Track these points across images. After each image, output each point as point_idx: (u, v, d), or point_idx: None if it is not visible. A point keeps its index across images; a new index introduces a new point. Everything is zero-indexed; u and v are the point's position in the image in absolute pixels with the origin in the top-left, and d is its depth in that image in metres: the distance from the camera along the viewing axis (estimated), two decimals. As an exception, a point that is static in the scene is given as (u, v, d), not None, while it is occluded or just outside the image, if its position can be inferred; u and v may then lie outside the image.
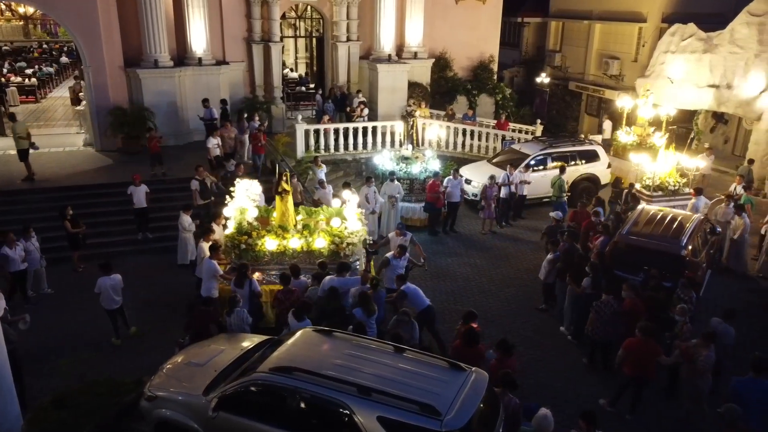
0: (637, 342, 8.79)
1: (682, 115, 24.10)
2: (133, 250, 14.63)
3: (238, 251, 11.26)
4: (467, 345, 8.56)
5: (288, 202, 11.62)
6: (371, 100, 22.20)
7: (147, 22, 18.93)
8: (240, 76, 22.04)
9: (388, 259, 11.39)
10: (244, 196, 12.22)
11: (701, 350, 8.61)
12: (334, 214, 12.01)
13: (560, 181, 16.49)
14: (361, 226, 11.83)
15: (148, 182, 15.34)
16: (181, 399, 7.92)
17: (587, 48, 30.18)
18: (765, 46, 20.71)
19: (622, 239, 11.96)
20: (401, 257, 11.44)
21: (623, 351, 8.94)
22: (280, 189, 11.49)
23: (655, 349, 8.80)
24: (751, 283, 13.85)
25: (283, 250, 11.24)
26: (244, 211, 11.85)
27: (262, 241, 11.23)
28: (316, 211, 12.48)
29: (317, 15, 24.35)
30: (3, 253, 11.50)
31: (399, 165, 16.58)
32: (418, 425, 6.49)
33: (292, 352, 7.87)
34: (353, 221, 11.74)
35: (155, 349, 10.33)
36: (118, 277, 10.84)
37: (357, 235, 11.52)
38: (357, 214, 12.01)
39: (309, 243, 11.24)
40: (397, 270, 11.21)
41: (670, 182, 16.15)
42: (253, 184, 12.58)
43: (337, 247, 11.18)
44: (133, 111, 18.99)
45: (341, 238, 11.26)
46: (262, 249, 11.23)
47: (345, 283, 10.18)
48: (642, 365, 8.84)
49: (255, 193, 12.43)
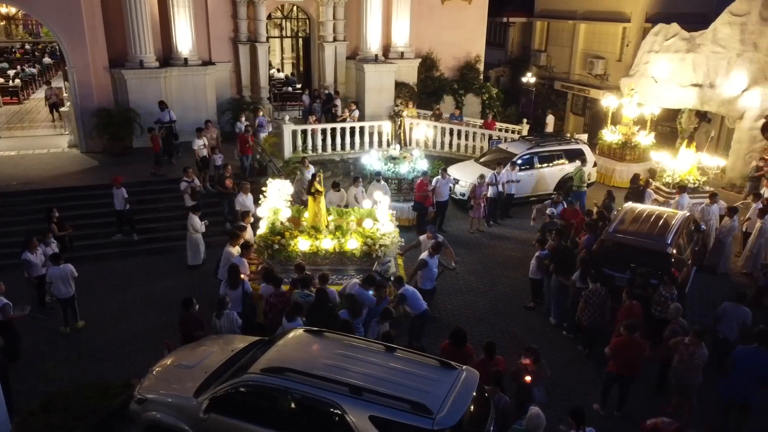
0: (624, 341, 8.88)
1: (666, 114, 24.39)
2: (122, 252, 14.54)
3: (270, 251, 11.28)
4: (455, 346, 8.58)
5: (320, 203, 11.63)
6: (358, 100, 22.20)
7: (132, 22, 18.78)
8: (226, 77, 21.95)
9: (425, 260, 11.21)
10: (277, 196, 12.26)
11: (694, 348, 8.71)
12: (366, 215, 12.02)
13: (581, 172, 17.00)
14: (393, 228, 11.80)
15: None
16: (171, 401, 7.88)
17: (572, 48, 30.42)
18: (746, 46, 20.99)
19: (608, 237, 12.08)
20: (435, 256, 11.36)
21: (611, 350, 9.04)
22: (313, 189, 11.53)
23: (641, 346, 8.90)
24: (734, 279, 14.06)
25: (315, 250, 11.26)
26: (278, 211, 11.90)
27: (294, 242, 11.24)
28: (347, 212, 12.52)
29: (303, 15, 24.33)
30: (25, 258, 11.39)
31: (387, 165, 16.61)
32: (410, 424, 6.53)
33: (284, 352, 7.87)
34: (386, 222, 11.73)
35: (144, 352, 10.27)
36: (69, 267, 11.02)
37: (389, 237, 11.49)
38: (389, 215, 12.00)
39: (341, 244, 11.26)
40: (433, 270, 11.26)
41: (690, 180, 16.28)
42: (286, 184, 12.64)
43: (369, 248, 11.19)
44: (118, 112, 18.83)
45: (374, 239, 11.26)
46: (295, 249, 11.24)
47: (365, 297, 9.93)
48: (629, 363, 8.93)
49: (287, 193, 12.47)
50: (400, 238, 12.11)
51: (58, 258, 11.23)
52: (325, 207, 12.03)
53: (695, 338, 8.75)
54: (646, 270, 10.71)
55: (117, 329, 11.46)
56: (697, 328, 8.99)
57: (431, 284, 11.40)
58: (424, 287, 11.20)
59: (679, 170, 16.39)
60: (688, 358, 8.80)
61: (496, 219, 17.21)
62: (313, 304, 9.85)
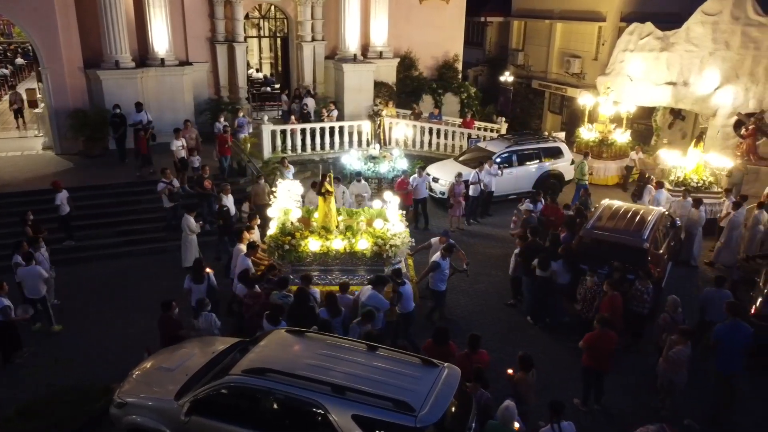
0: (596, 335, 9.01)
1: (642, 112, 24.74)
2: (104, 255, 14.36)
3: (281, 251, 11.25)
4: (438, 344, 8.61)
5: (330, 203, 11.60)
6: (337, 100, 22.17)
7: (107, 22, 18.54)
8: (204, 77, 21.78)
9: (438, 262, 11.25)
10: (287, 196, 12.23)
11: (676, 345, 8.86)
12: (376, 215, 12.00)
13: (582, 164, 17.56)
14: (404, 228, 11.78)
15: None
16: (151, 404, 7.82)
17: (549, 47, 30.70)
18: (719, 45, 21.39)
19: (586, 233, 12.25)
20: (448, 258, 11.42)
21: (583, 344, 9.17)
22: (323, 190, 11.50)
23: (611, 340, 9.01)
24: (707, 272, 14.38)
25: (326, 251, 11.23)
26: (288, 212, 11.86)
27: (305, 242, 11.22)
28: (357, 212, 12.49)
29: (281, 15, 24.22)
30: (15, 261, 11.19)
31: (367, 164, 16.63)
32: (393, 422, 6.57)
33: (265, 353, 7.85)
34: (396, 223, 11.71)
35: (125, 355, 10.16)
36: (38, 268, 10.91)
37: (400, 237, 11.47)
38: (399, 215, 11.99)
39: (352, 244, 11.23)
40: (445, 271, 11.28)
41: (694, 179, 16.53)
42: (295, 184, 12.60)
43: (380, 248, 11.17)
44: (94, 113, 18.58)
45: (384, 239, 11.24)
46: (305, 250, 11.21)
47: (378, 302, 9.80)
48: (599, 357, 9.06)
49: (297, 193, 12.45)
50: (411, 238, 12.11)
51: (29, 258, 11.05)
52: (335, 207, 12.00)
53: (681, 336, 8.88)
54: (622, 265, 10.86)
55: (97, 333, 11.31)
56: (684, 327, 9.13)
57: (444, 285, 11.44)
58: (438, 288, 11.37)
59: (685, 169, 16.63)
60: (667, 354, 8.96)
61: (476, 217, 17.31)
62: (293, 305, 9.84)
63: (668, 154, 17.15)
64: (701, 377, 9.68)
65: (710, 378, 9.51)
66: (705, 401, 9.48)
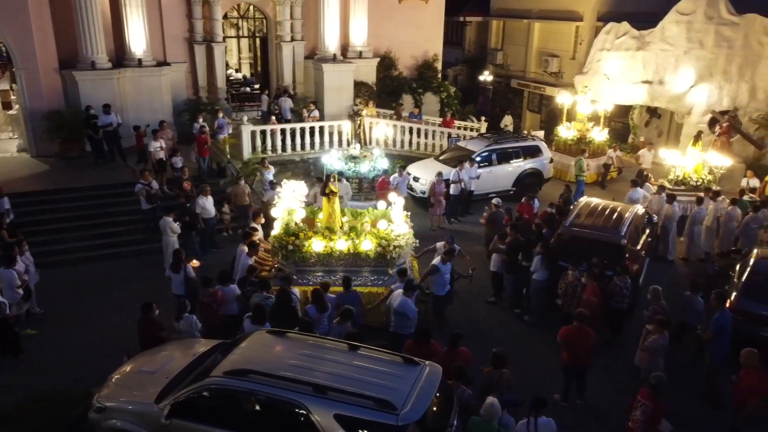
0: (573, 330, 9.11)
1: (619, 111, 25.07)
2: (83, 258, 14.20)
3: (285, 252, 11.22)
4: (420, 343, 8.64)
5: (335, 204, 11.57)
6: (317, 100, 22.13)
7: (82, 21, 18.26)
8: (182, 78, 21.61)
9: (436, 266, 11.11)
10: (292, 197, 12.18)
11: (652, 335, 9.03)
12: (381, 216, 11.99)
13: (580, 161, 18.09)
14: (408, 229, 11.75)
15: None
16: (132, 408, 7.76)
17: (527, 46, 30.95)
18: (693, 44, 21.76)
19: (565, 231, 12.39)
20: (448, 263, 11.31)
21: (560, 339, 9.27)
22: (327, 190, 11.48)
23: (589, 336, 9.10)
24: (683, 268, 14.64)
25: (330, 251, 11.20)
26: (292, 212, 11.82)
27: (309, 243, 11.19)
28: (361, 212, 12.47)
29: (260, 15, 24.11)
30: None
31: (347, 164, 16.62)
32: (375, 420, 6.59)
33: (246, 354, 7.82)
34: (400, 224, 11.66)
35: (105, 359, 10.04)
36: (10, 272, 10.69)
37: (404, 238, 11.44)
38: (404, 216, 11.95)
39: (356, 245, 11.19)
40: (445, 275, 11.15)
41: (693, 178, 16.75)
42: (300, 184, 12.57)
43: (384, 249, 11.13)
44: (70, 114, 18.33)
45: (388, 240, 11.21)
46: (309, 250, 11.18)
47: (409, 309, 9.69)
48: (578, 353, 9.16)
49: (302, 193, 12.43)
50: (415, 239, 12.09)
51: (9, 260, 10.85)
52: (340, 208, 11.98)
53: (657, 326, 9.05)
54: (600, 260, 11.01)
55: (76, 337, 11.17)
56: (660, 317, 9.28)
57: (443, 290, 11.24)
58: (438, 293, 11.20)
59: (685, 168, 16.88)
60: (644, 344, 9.13)
61: (457, 216, 17.41)
62: (275, 306, 9.83)
63: (668, 154, 17.41)
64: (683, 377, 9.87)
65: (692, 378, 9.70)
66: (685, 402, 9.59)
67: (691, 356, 10.47)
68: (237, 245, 14.94)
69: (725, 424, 8.94)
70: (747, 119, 20.42)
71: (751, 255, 12.04)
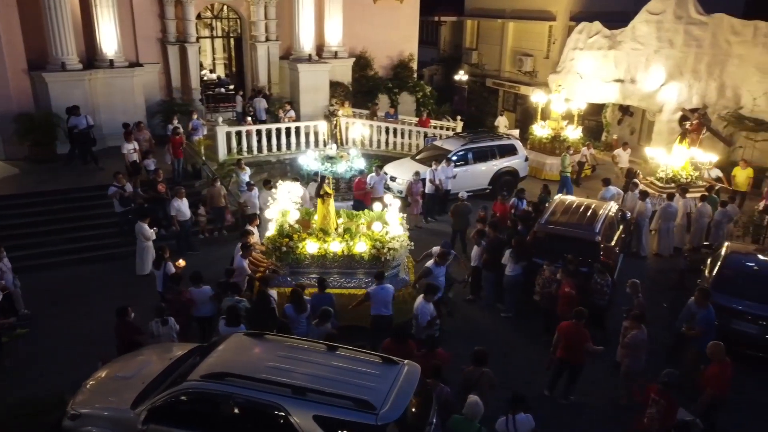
0: (570, 326, 9.19)
1: (592, 109, 25.39)
2: (55, 263, 13.90)
3: (279, 253, 11.16)
4: (397, 342, 8.64)
5: (330, 205, 11.52)
6: (293, 101, 22.03)
7: (51, 22, 17.92)
8: (155, 79, 21.33)
9: (429, 269, 11.02)
10: (287, 198, 12.13)
11: (630, 330, 9.15)
12: (376, 218, 11.92)
13: (564, 157, 18.73)
14: (403, 231, 11.67)
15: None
16: (107, 414, 7.65)
17: (502, 45, 31.20)
18: (663, 43, 22.15)
19: (540, 228, 12.53)
20: (441, 266, 11.14)
21: (557, 334, 9.36)
22: (322, 192, 11.45)
23: (584, 335, 9.14)
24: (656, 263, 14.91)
25: (324, 253, 11.13)
26: (286, 214, 11.75)
27: (303, 244, 11.11)
28: (357, 214, 12.43)
29: (234, 15, 23.93)
30: None
31: (324, 165, 16.53)
32: (355, 421, 6.59)
33: (224, 357, 7.77)
34: (395, 226, 11.59)
35: (78, 365, 9.87)
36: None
37: (399, 240, 11.36)
38: (399, 218, 11.88)
39: (350, 247, 11.13)
40: (439, 279, 10.96)
41: (683, 175, 16.96)
42: (295, 186, 12.54)
43: (378, 251, 11.06)
44: (40, 117, 17.96)
45: (382, 242, 11.15)
46: (303, 252, 11.12)
47: (420, 311, 9.72)
48: (572, 349, 9.22)
49: (298, 195, 12.43)
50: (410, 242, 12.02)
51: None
52: (335, 209, 11.94)
53: (633, 321, 9.18)
54: (575, 257, 11.15)
55: (50, 343, 10.98)
56: (635, 312, 9.39)
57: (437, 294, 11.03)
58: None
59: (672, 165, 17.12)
60: (623, 341, 9.24)
61: (434, 215, 17.47)
62: (254, 307, 9.78)
63: (655, 152, 17.68)
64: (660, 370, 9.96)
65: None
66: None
67: (667, 351, 10.63)
68: (213, 247, 15.04)
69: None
70: (716, 116, 20.84)
71: (722, 249, 12.31)
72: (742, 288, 10.86)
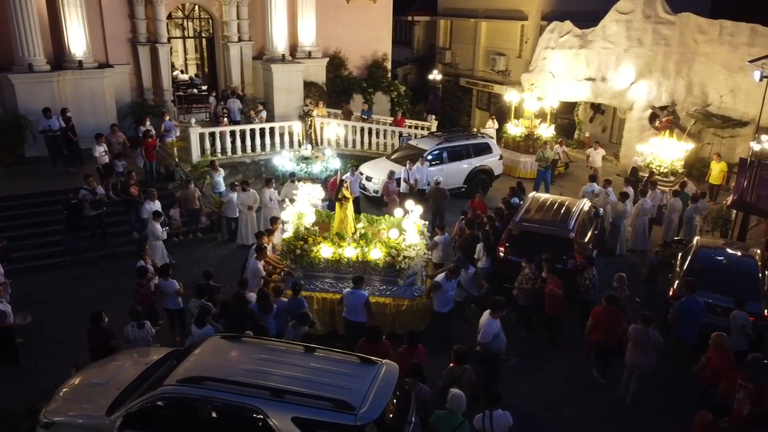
0: (603, 310, 9.52)
1: (564, 107, 25.73)
2: (27, 268, 13.51)
3: (293, 256, 11.03)
4: (372, 342, 8.63)
5: (347, 210, 11.36)
6: (267, 101, 21.90)
7: (17, 22, 17.51)
8: (126, 80, 20.98)
9: (438, 282, 10.53)
10: (306, 200, 12.01)
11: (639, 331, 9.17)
12: (396, 224, 11.78)
13: (539, 153, 18.87)
14: (420, 240, 11.43)
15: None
16: (81, 422, 7.52)
17: (475, 45, 31.38)
18: (632, 42, 22.52)
19: (515, 226, 12.65)
20: (452, 279, 10.64)
21: (591, 320, 9.69)
22: (340, 196, 11.30)
23: (618, 316, 9.58)
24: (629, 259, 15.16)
25: (338, 258, 10.96)
26: (302, 216, 11.63)
27: (317, 248, 10.96)
28: (378, 219, 12.30)
29: (206, 15, 23.68)
30: None
31: (299, 165, 16.52)
32: (334, 422, 6.59)
33: (201, 361, 7.69)
34: (412, 234, 11.34)
35: (51, 372, 9.70)
36: None
37: (414, 249, 11.10)
38: (417, 226, 11.67)
39: (365, 253, 10.95)
40: (449, 293, 10.57)
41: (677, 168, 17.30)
42: (316, 188, 12.42)
43: (393, 259, 10.86)
44: (7, 120, 17.54)
45: (398, 250, 10.94)
46: (317, 255, 10.97)
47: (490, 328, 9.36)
48: (609, 332, 9.57)
49: (318, 197, 12.36)
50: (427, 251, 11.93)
51: None
52: (353, 214, 11.78)
53: (642, 323, 9.12)
54: (550, 255, 11.28)
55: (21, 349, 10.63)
56: (644, 313, 9.28)
57: (446, 307, 10.64)
58: (440, 310, 10.63)
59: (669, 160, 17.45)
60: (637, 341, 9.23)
61: (410, 214, 17.49)
62: (232, 309, 9.71)
63: (645, 147, 18.06)
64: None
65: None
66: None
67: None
68: (187, 250, 14.87)
69: (685, 405, 9.31)
70: (684, 114, 21.27)
71: (692, 244, 12.56)
72: (712, 281, 11.06)
